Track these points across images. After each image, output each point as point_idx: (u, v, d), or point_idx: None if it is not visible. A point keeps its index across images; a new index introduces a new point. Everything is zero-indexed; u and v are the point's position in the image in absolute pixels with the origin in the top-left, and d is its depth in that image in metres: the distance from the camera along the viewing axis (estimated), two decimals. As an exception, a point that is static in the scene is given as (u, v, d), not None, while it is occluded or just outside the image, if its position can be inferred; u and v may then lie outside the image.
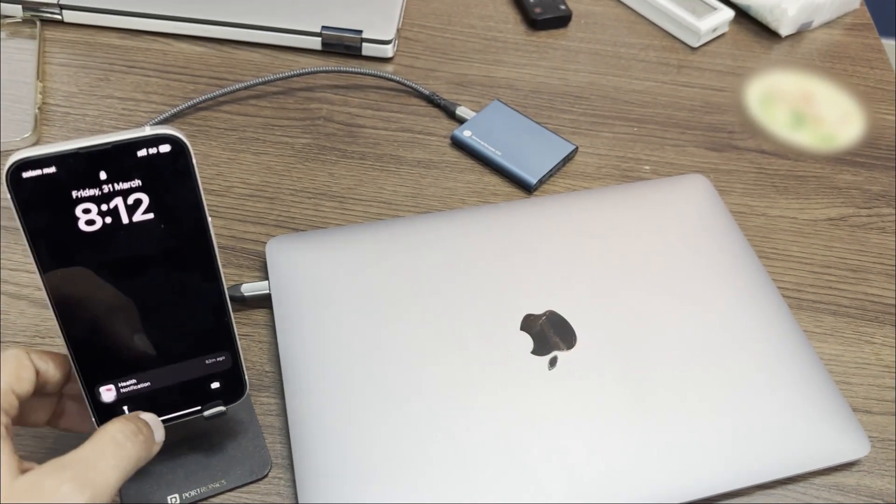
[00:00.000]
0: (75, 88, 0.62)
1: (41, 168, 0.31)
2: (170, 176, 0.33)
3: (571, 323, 0.47)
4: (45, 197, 0.32)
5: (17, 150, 0.32)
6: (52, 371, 0.37)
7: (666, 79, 0.68)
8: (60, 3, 0.65)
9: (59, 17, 0.66)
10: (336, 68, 0.63)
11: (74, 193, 0.32)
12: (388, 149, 0.60)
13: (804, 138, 0.65)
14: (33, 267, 0.33)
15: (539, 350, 0.46)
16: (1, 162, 0.55)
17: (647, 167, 0.61)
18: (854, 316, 0.53)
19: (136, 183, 0.33)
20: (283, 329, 0.46)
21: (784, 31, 0.73)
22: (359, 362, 0.44)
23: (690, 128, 0.64)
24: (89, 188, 0.32)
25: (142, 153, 0.32)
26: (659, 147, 0.62)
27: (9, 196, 0.31)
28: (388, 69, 0.66)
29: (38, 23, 0.65)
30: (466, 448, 0.42)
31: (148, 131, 0.32)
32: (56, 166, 0.31)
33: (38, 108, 0.59)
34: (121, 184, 0.33)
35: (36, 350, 0.36)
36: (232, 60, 0.65)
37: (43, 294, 0.34)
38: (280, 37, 0.66)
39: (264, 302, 0.49)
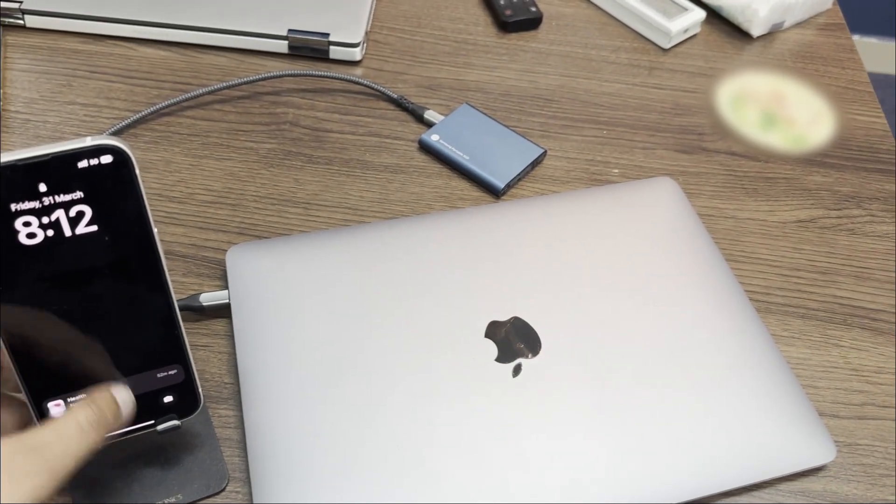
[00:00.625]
0: (36, 94, 0.61)
1: (-24, 181, 0.30)
2: (112, 187, 0.32)
3: (536, 329, 0.47)
4: (-19, 210, 0.31)
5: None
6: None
7: (636, 81, 0.68)
8: (22, 7, 0.64)
9: (21, 21, 0.65)
10: (302, 72, 0.62)
11: (13, 206, 0.31)
12: (354, 153, 0.59)
13: (775, 139, 0.64)
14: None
15: (503, 357, 0.45)
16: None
17: (616, 170, 0.60)
18: (822, 319, 0.52)
19: (78, 195, 0.32)
20: (242, 339, 0.45)
21: (755, 31, 0.72)
22: (319, 372, 0.44)
23: (660, 130, 0.64)
24: (29, 201, 0.31)
25: (82, 164, 0.31)
26: (628, 150, 0.62)
27: None
28: (356, 72, 0.66)
29: (-1, 28, 0.65)
30: (429, 458, 0.41)
31: (89, 142, 0.31)
32: (-7, 178, 0.31)
33: (-2, 115, 0.58)
34: (62, 196, 0.32)
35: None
36: (197, 65, 0.64)
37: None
38: (246, 40, 0.65)
39: (224, 312, 0.48)
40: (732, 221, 0.58)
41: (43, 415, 0.36)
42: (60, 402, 0.36)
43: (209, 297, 0.48)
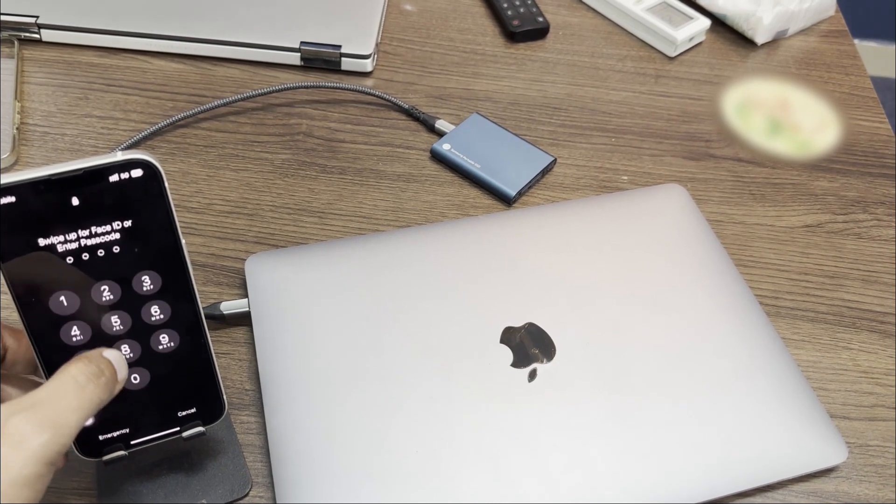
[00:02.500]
0: (54, 108, 0.62)
1: (12, 195, 0.31)
2: (142, 200, 0.33)
3: (551, 334, 0.47)
4: (16, 224, 0.32)
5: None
6: (21, 350, 0.36)
7: (643, 89, 0.69)
8: (38, 22, 0.65)
9: (37, 36, 0.66)
10: (315, 83, 0.63)
11: (46, 220, 0.32)
12: (367, 163, 0.60)
13: (781, 146, 0.65)
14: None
15: (519, 363, 0.46)
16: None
17: (625, 177, 0.61)
18: (831, 322, 0.53)
19: (109, 208, 0.33)
20: (263, 347, 0.46)
21: (760, 39, 0.73)
22: (339, 379, 0.44)
23: (668, 137, 0.65)
24: (61, 214, 0.32)
25: (113, 178, 0.32)
26: (636, 157, 0.63)
27: None
28: (368, 83, 0.67)
29: (15, 42, 0.66)
30: (449, 464, 0.42)
31: (119, 156, 0.32)
32: (27, 193, 0.31)
33: (17, 129, 0.59)
34: (93, 209, 0.33)
35: (8, 326, 0.36)
36: (211, 77, 0.65)
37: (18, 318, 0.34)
38: (259, 53, 0.66)
39: (244, 320, 0.49)
40: (741, 227, 0.59)
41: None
42: None
43: (229, 306, 0.48)
